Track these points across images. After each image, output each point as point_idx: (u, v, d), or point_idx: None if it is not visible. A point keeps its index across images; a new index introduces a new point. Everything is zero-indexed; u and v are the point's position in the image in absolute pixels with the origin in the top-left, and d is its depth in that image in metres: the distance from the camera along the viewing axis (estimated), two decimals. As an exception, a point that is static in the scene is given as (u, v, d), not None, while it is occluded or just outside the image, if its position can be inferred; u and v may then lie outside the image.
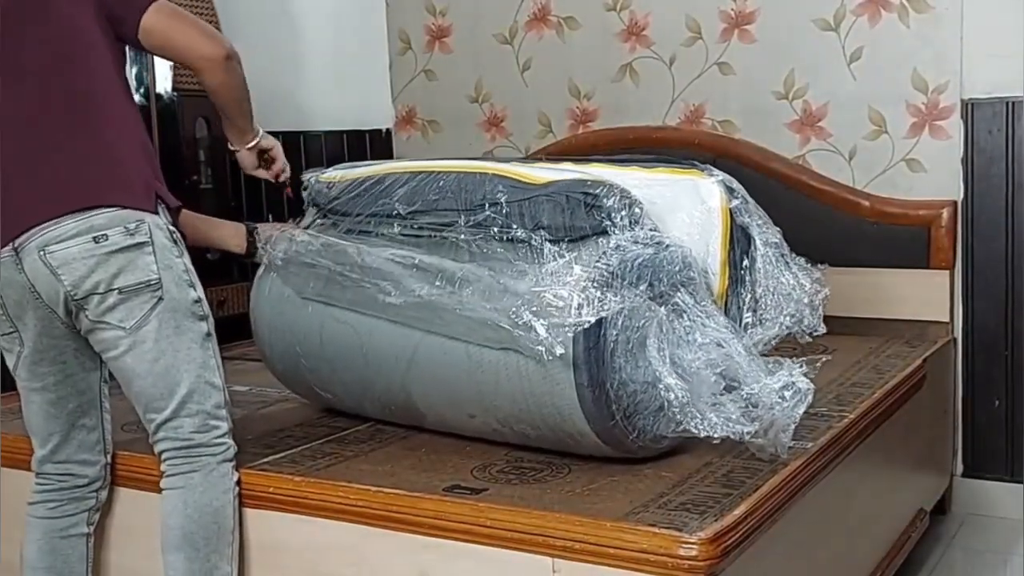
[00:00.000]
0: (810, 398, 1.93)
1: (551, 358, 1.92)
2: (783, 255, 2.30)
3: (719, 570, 1.67)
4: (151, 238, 1.99)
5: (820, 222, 3.31)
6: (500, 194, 2.11)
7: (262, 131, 2.37)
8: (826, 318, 2.30)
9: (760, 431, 1.92)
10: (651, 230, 2.08)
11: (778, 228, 2.32)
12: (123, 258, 1.97)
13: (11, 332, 2.06)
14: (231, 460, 2.07)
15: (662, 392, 1.94)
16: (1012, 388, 3.24)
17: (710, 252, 2.22)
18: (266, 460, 2.16)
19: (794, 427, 1.94)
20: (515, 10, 3.83)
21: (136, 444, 2.23)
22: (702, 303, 2.07)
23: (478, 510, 1.85)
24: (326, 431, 2.37)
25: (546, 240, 2.03)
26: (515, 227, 2.07)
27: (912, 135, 3.28)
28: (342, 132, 3.91)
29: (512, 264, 2.04)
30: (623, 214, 2.05)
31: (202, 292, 2.08)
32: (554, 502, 1.86)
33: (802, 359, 2.00)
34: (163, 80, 3.67)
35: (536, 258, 2.03)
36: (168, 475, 2.05)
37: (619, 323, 1.94)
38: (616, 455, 2.04)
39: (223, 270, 3.69)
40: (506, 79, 3.87)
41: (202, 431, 2.04)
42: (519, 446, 2.17)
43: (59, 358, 2.07)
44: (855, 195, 3.34)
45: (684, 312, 2.04)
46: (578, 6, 3.73)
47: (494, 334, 2.00)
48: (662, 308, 2.01)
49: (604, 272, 1.96)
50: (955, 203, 3.24)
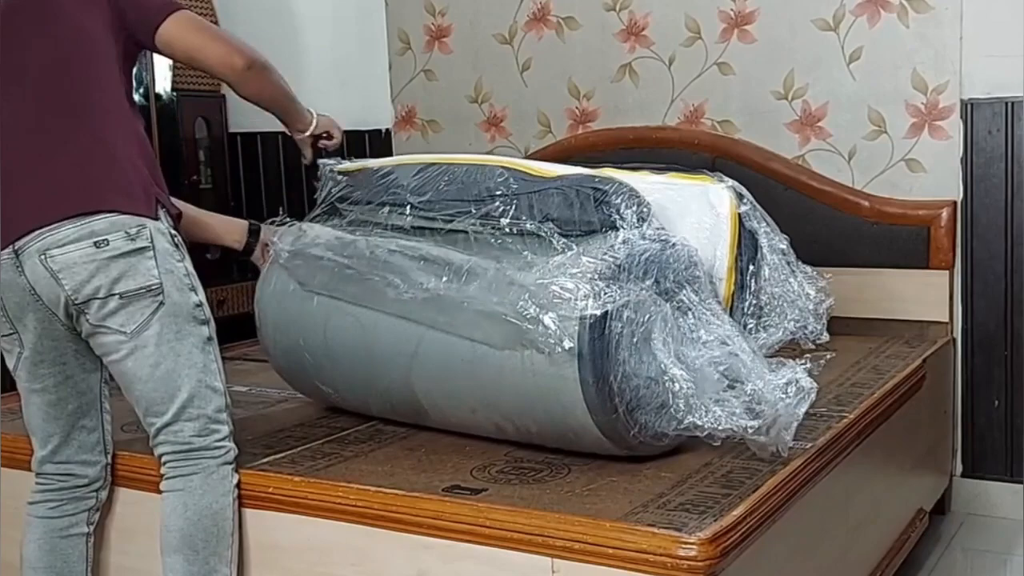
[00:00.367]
0: (813, 396, 1.93)
1: (559, 351, 1.92)
2: (789, 262, 2.32)
3: (718, 570, 1.67)
4: (152, 243, 1.99)
5: (820, 222, 3.31)
6: (510, 185, 2.13)
7: (316, 117, 2.41)
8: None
9: (762, 428, 1.92)
10: (658, 228, 2.10)
11: (785, 235, 2.33)
12: (124, 263, 1.96)
13: (11, 333, 2.06)
14: (231, 463, 2.07)
15: (667, 384, 1.94)
16: (1012, 388, 3.24)
17: (717, 257, 2.23)
18: (266, 460, 2.16)
19: (796, 425, 1.94)
20: (515, 10, 3.83)
21: (136, 444, 2.23)
22: (707, 301, 2.08)
23: (478, 510, 1.85)
24: (326, 431, 2.37)
25: (555, 232, 2.05)
26: (524, 219, 2.08)
27: (912, 135, 3.28)
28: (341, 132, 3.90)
29: (520, 255, 2.05)
30: (631, 211, 2.07)
31: (204, 296, 2.08)
32: (554, 502, 1.86)
33: (804, 358, 2.00)
34: (163, 80, 3.68)
35: (545, 250, 2.04)
36: (168, 477, 2.05)
37: (624, 316, 1.94)
38: (617, 452, 2.04)
39: (223, 270, 3.70)
40: (506, 79, 3.87)
41: (202, 435, 2.04)
42: (519, 446, 2.17)
43: (59, 359, 2.06)
44: (855, 195, 3.34)
45: (689, 310, 2.05)
46: (578, 6, 3.72)
47: (500, 329, 2.00)
48: (667, 304, 2.02)
49: (611, 265, 1.97)
50: (955, 203, 3.24)
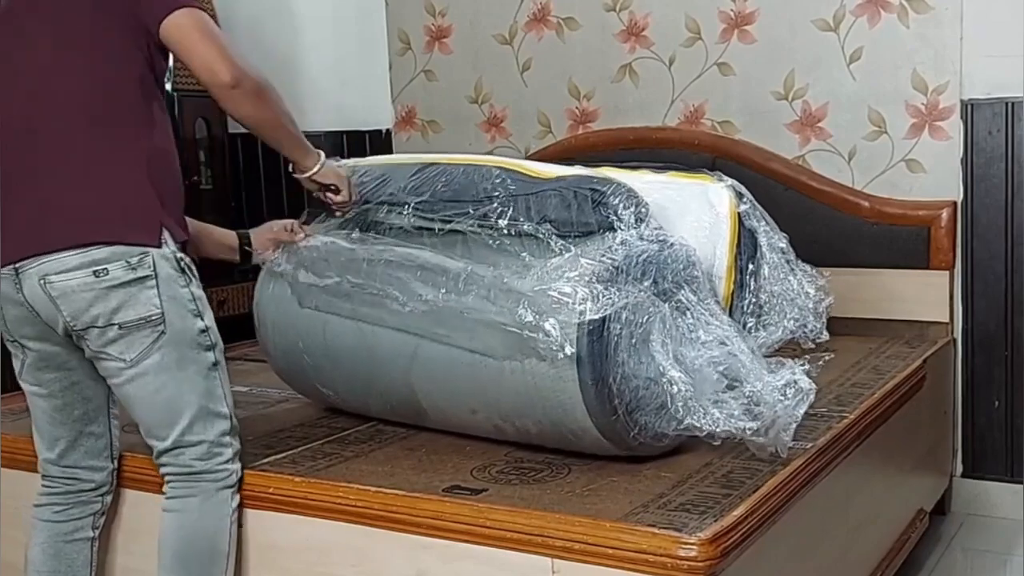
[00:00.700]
0: (812, 397, 1.93)
1: (561, 357, 1.92)
2: (788, 261, 2.32)
3: (718, 570, 1.67)
4: (155, 270, 1.92)
5: (820, 222, 3.31)
6: (507, 187, 2.13)
7: (324, 163, 2.19)
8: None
9: (761, 429, 1.92)
10: (656, 229, 2.09)
11: (785, 234, 2.32)
12: (123, 293, 1.91)
13: (14, 340, 2.03)
14: (232, 486, 2.04)
15: (665, 386, 1.94)
16: (1012, 388, 3.23)
17: (717, 256, 2.23)
18: (266, 460, 2.16)
19: (795, 426, 1.94)
20: (515, 10, 3.83)
21: (140, 446, 2.20)
22: (705, 301, 2.08)
23: (478, 510, 1.85)
24: (326, 431, 2.37)
25: (552, 234, 2.05)
26: (522, 220, 2.08)
27: (912, 136, 3.28)
28: (342, 132, 3.90)
29: (518, 258, 2.05)
30: (629, 212, 2.07)
31: (211, 320, 2.01)
32: (554, 502, 1.86)
33: (804, 359, 2.00)
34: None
35: (543, 252, 2.04)
36: (168, 497, 2.03)
37: (623, 318, 1.94)
38: (616, 453, 2.04)
39: (223, 270, 3.69)
40: (506, 79, 3.87)
41: (204, 459, 2.01)
42: (519, 446, 2.17)
43: (64, 365, 2.03)
44: (855, 195, 3.33)
45: (687, 310, 2.05)
46: (578, 6, 3.72)
47: (500, 338, 2.00)
48: (665, 305, 2.02)
49: (609, 267, 1.97)
50: (955, 203, 3.24)
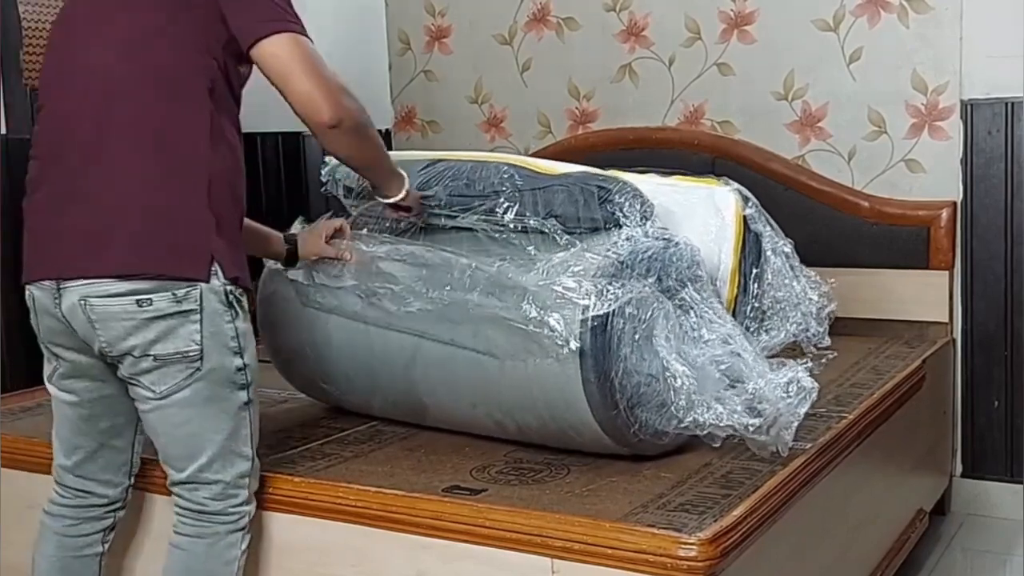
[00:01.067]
0: (814, 396, 1.93)
1: (565, 351, 1.92)
2: (793, 267, 2.32)
3: (718, 571, 1.67)
4: (200, 304, 1.84)
5: (820, 222, 3.31)
6: (515, 182, 2.14)
7: (407, 190, 2.13)
8: (826, 320, 2.31)
9: (763, 427, 1.92)
10: (661, 228, 2.11)
11: (790, 240, 2.33)
12: (164, 325, 1.82)
13: (47, 347, 1.95)
14: (243, 528, 1.96)
15: (669, 380, 1.95)
16: (1012, 388, 3.23)
17: (722, 260, 2.24)
18: (266, 460, 2.15)
19: (797, 425, 1.94)
20: (514, 11, 3.83)
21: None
22: (708, 300, 2.09)
23: (477, 511, 1.85)
24: (325, 432, 2.37)
25: (558, 229, 2.06)
26: (528, 215, 2.09)
27: (912, 136, 3.28)
28: (342, 132, 3.90)
29: (524, 251, 2.06)
30: (635, 209, 2.09)
31: (251, 356, 1.93)
32: (553, 503, 1.86)
33: (805, 358, 2.00)
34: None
35: (549, 247, 2.05)
36: (175, 531, 1.96)
37: (626, 313, 1.95)
38: (617, 450, 2.05)
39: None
40: (505, 80, 3.87)
41: (218, 499, 1.93)
42: (519, 445, 2.17)
43: (99, 377, 1.94)
44: (855, 196, 3.34)
45: (691, 308, 2.06)
46: (577, 6, 3.73)
47: (504, 334, 2.00)
48: (669, 302, 2.03)
49: (614, 262, 1.98)
50: (954, 204, 3.24)
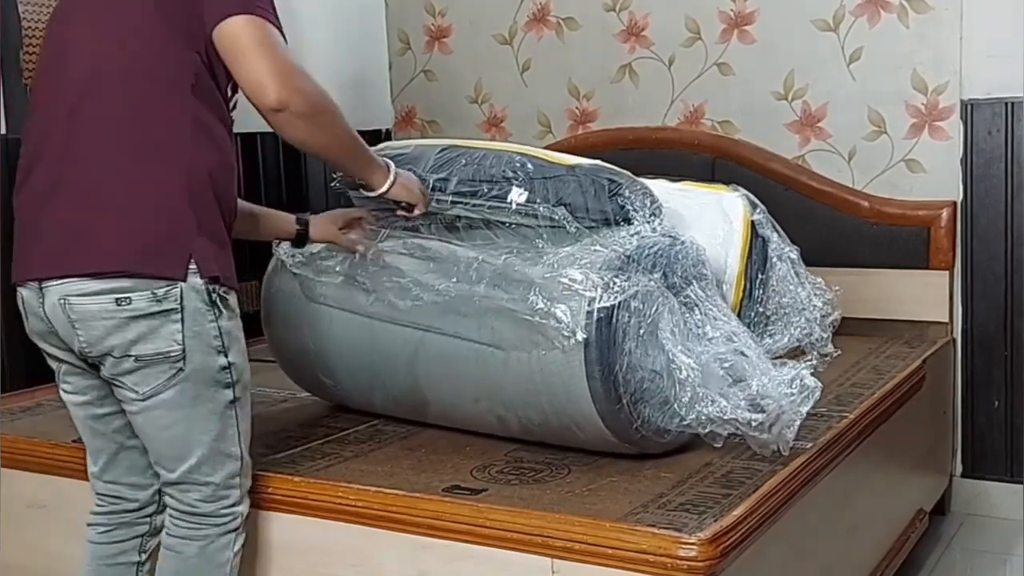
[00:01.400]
0: (817, 395, 1.94)
1: (572, 343, 1.92)
2: (798, 273, 2.33)
3: (718, 570, 1.68)
4: (181, 304, 1.80)
5: (820, 222, 3.31)
6: (526, 169, 2.14)
7: (394, 181, 2.06)
8: (826, 319, 2.32)
9: (766, 424, 1.92)
10: (668, 227, 2.12)
11: (796, 247, 2.34)
12: (144, 325, 1.79)
13: (43, 347, 1.93)
14: (236, 529, 1.93)
15: (674, 371, 1.95)
16: (1012, 388, 3.24)
17: (728, 264, 2.25)
18: (266, 460, 2.16)
19: (799, 423, 1.94)
20: (514, 10, 3.83)
21: None
22: (713, 298, 2.09)
23: (477, 511, 1.85)
24: (326, 431, 2.37)
25: (567, 218, 2.07)
26: (538, 202, 2.09)
27: (912, 136, 3.28)
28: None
29: (532, 242, 2.06)
30: (644, 205, 2.10)
31: (236, 354, 1.90)
32: (553, 502, 1.86)
33: (809, 358, 2.01)
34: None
35: (558, 237, 2.06)
36: (168, 533, 1.94)
37: (631, 306, 1.95)
38: (618, 446, 2.05)
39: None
40: (505, 79, 3.87)
41: (208, 501, 1.91)
42: (519, 444, 2.18)
43: (100, 374, 1.89)
44: (855, 196, 3.34)
45: (696, 306, 2.07)
46: (577, 6, 3.72)
47: (510, 325, 2.00)
48: (674, 298, 2.03)
49: (621, 255, 1.99)
50: (954, 204, 3.24)
